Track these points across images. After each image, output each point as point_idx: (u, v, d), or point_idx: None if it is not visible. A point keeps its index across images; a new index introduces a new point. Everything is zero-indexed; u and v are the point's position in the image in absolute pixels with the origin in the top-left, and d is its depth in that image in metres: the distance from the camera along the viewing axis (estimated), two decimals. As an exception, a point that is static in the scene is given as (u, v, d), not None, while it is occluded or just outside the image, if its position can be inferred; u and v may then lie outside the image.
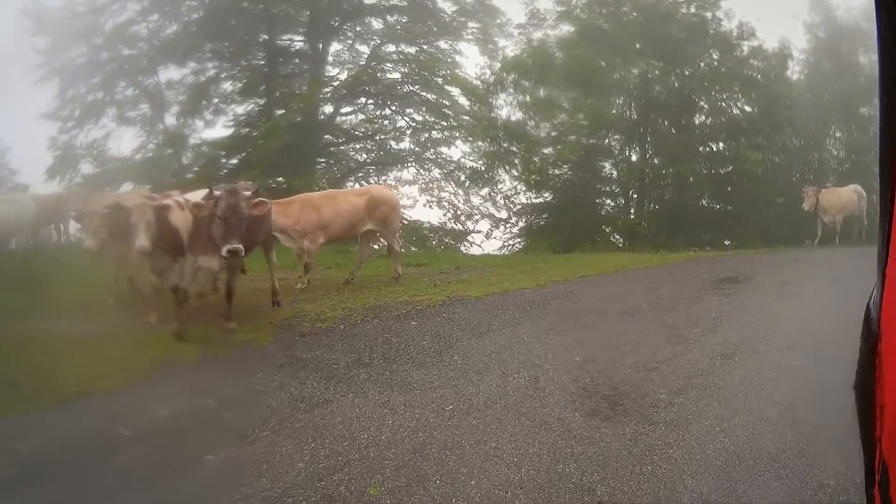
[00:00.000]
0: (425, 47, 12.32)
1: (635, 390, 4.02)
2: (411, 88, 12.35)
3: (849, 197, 10.92)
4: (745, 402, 3.79)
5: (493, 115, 11.75)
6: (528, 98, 11.44)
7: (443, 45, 12.34)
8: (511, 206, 11.84)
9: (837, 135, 11.91)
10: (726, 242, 11.37)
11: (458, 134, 12.16)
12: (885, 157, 0.83)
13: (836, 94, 11.53)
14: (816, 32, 12.07)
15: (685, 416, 3.60)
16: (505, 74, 11.44)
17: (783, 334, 5.23)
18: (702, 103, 11.47)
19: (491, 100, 11.76)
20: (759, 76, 11.36)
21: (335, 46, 12.61)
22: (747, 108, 11.48)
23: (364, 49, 12.57)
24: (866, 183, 11.42)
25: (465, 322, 5.53)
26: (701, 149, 11.44)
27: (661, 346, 4.87)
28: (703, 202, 11.48)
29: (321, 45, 12.56)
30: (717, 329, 5.43)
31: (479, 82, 11.84)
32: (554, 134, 11.59)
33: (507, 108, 11.72)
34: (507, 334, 5.22)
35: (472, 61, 18.64)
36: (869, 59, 12.25)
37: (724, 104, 11.52)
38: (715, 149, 11.49)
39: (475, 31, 12.17)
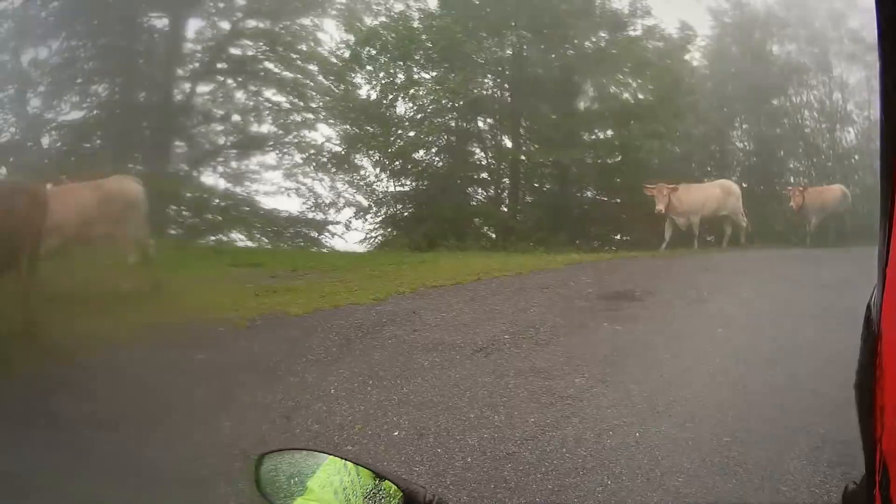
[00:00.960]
0: (287, 23, 11.20)
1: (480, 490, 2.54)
2: (270, 66, 11.13)
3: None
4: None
5: (350, 94, 10.38)
6: (384, 75, 10.10)
7: (306, 21, 11.22)
8: (372, 194, 10.24)
9: (745, 126, 10.43)
10: (617, 237, 9.60)
11: (321, 116, 10.79)
12: (885, 157, 0.75)
13: (743, 84, 10.14)
14: (723, 18, 10.86)
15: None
16: (360, 49, 10.14)
17: (705, 388, 4.00)
18: (587, 86, 10.03)
19: (350, 78, 10.43)
20: (654, 58, 10.00)
21: (197, 23, 11.60)
22: (641, 95, 10.05)
23: (225, 25, 11.53)
24: (767, 180, 9.87)
25: (262, 358, 4.14)
26: (586, 136, 9.89)
27: (524, 411, 3.51)
28: (589, 194, 9.80)
29: (183, 22, 11.57)
30: (608, 378, 4.06)
31: (335, 59, 10.55)
32: (415, 116, 10.14)
33: (366, 87, 10.36)
34: (310, 382, 3.82)
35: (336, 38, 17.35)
36: (784, 48, 10.98)
37: (613, 88, 10.08)
38: (602, 136, 9.94)
39: (340, 6, 11.07)
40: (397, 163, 10.08)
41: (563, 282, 6.82)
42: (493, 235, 9.75)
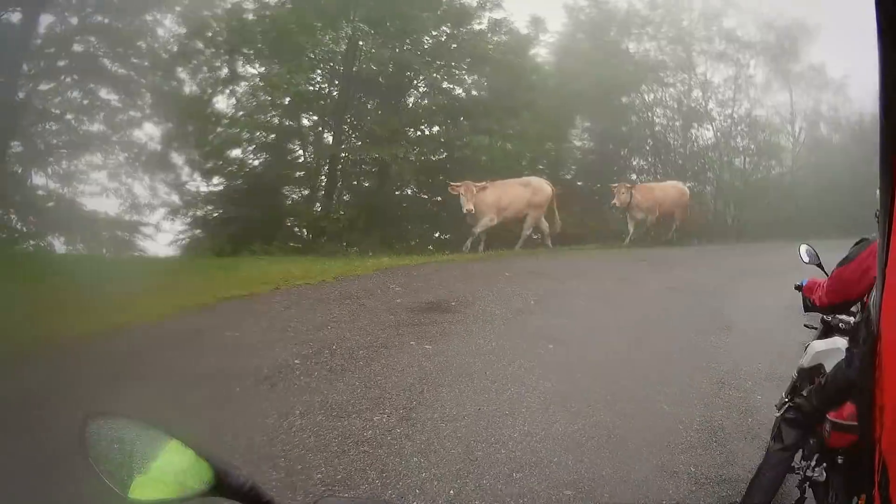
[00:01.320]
0: (131, 19, 10.74)
1: None
2: (107, 63, 10.62)
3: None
4: None
5: (175, 90, 9.80)
6: (207, 69, 9.53)
7: (148, 17, 10.76)
8: (185, 195, 9.52)
9: (586, 124, 9.63)
10: (437, 235, 8.73)
11: (146, 113, 10.19)
12: (885, 157, 0.74)
13: (591, 82, 9.43)
14: (578, 15, 10.25)
15: None
16: (187, 42, 9.61)
17: (535, 424, 3.32)
18: (419, 81, 9.35)
19: (177, 73, 9.88)
20: (497, 52, 9.34)
21: (48, 18, 11.21)
22: (476, 92, 9.36)
23: (74, 21, 11.11)
24: (607, 178, 9.10)
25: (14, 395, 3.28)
26: (412, 132, 9.14)
27: (310, 464, 2.76)
28: (409, 192, 8.99)
29: (35, 17, 11.17)
30: (414, 415, 3.31)
31: (164, 54, 10.02)
32: (235, 113, 9.50)
33: (189, 82, 9.79)
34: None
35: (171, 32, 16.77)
36: (642, 46, 10.35)
37: (447, 83, 9.39)
38: (428, 132, 9.19)
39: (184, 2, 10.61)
40: (212, 162, 9.37)
41: (369, 291, 6.01)
42: (305, 236, 8.89)
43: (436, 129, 9.19)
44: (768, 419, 3.24)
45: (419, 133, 9.24)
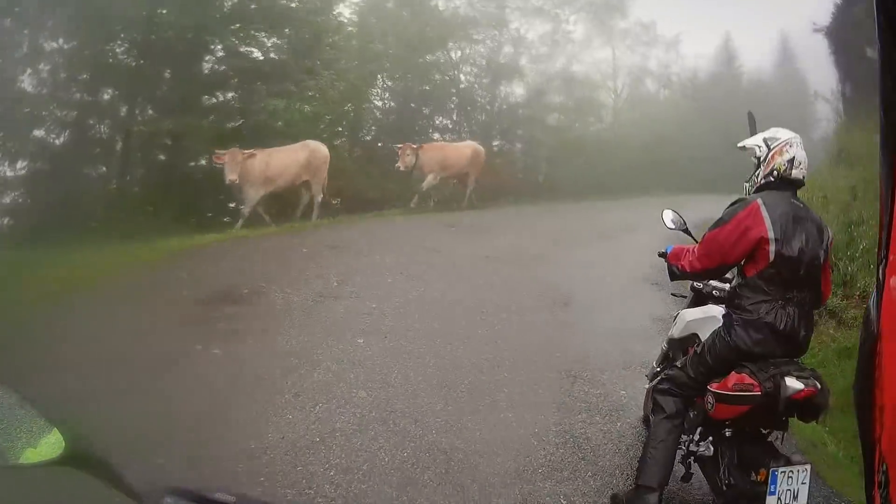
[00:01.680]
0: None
1: None
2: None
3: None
4: None
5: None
6: (13, 45, 9.09)
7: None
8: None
9: (388, 83, 9.52)
10: (232, 205, 8.44)
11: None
12: (886, 158, 0.80)
13: (394, 40, 9.28)
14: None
15: None
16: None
17: (346, 449, 2.78)
18: (216, 46, 9.09)
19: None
20: (299, 10, 9.12)
21: None
22: (275, 55, 9.14)
23: None
24: (407, 138, 8.96)
25: None
26: (207, 100, 8.91)
27: None
28: (204, 162, 8.79)
29: None
30: (198, 453, 2.58)
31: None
32: (38, 90, 9.11)
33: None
34: None
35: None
36: (451, 4, 10.21)
37: (245, 47, 9.15)
38: (223, 98, 8.97)
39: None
40: (13, 144, 9.00)
41: (154, 284, 5.32)
42: (101, 218, 8.60)
43: (230, 94, 8.93)
44: (640, 422, 2.99)
45: (213, 100, 9.00)
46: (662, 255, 2.56)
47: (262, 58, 9.09)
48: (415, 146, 8.48)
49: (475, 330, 4.34)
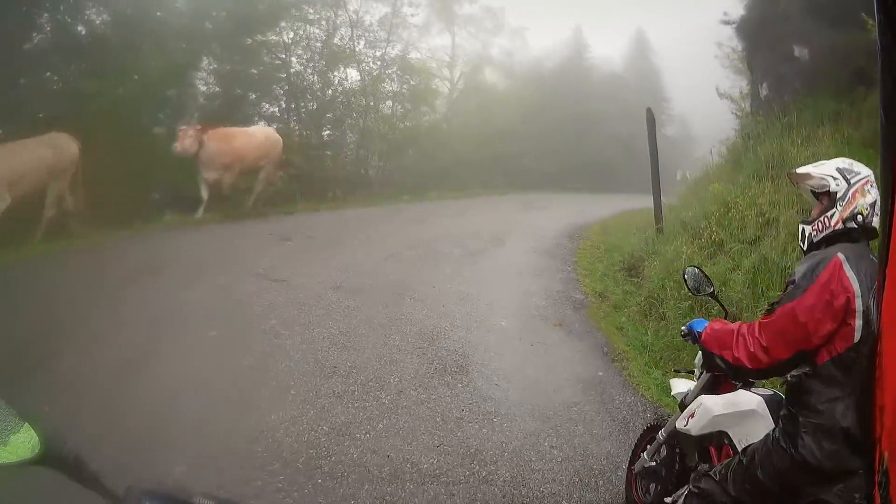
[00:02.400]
0: None
1: None
2: None
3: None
4: None
5: None
6: None
7: None
8: None
9: (214, 66, 9.35)
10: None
11: None
12: (886, 158, 0.76)
13: (223, 19, 8.96)
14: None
15: None
16: None
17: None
18: (43, 21, 8.33)
19: None
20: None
21: None
22: (100, 32, 8.58)
23: None
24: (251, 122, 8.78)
25: None
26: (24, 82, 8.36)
27: None
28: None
29: None
30: None
31: None
32: None
33: None
34: None
35: None
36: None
37: (69, 19, 8.46)
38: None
39: None
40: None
41: None
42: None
43: (48, 74, 8.36)
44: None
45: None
46: (688, 336, 1.93)
47: (84, 31, 8.50)
48: (198, 127, 7.70)
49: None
